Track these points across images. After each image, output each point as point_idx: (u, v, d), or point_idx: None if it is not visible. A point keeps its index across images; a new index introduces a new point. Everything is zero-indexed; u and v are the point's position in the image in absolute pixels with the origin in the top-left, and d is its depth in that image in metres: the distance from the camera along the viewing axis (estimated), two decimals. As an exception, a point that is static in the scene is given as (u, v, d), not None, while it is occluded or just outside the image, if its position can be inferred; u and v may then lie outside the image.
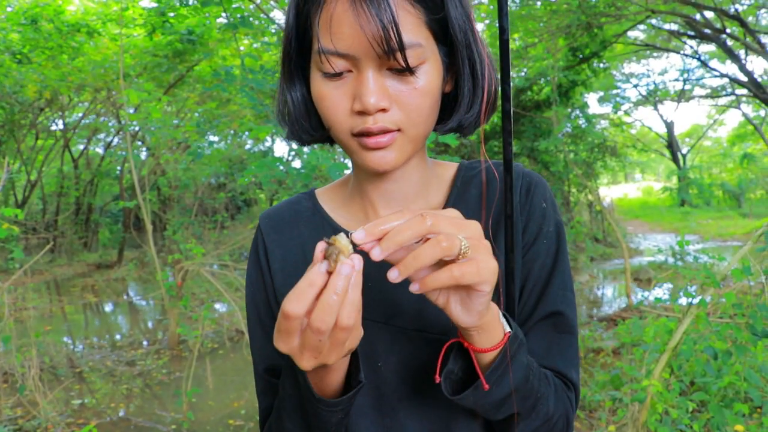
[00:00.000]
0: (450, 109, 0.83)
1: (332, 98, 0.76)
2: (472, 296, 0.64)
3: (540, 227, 0.87)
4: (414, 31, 0.72)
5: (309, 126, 0.85)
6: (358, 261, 0.61)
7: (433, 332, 0.84)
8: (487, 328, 0.70)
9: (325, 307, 0.60)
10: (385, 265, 0.66)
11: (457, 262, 0.61)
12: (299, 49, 0.81)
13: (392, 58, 0.71)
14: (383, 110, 0.74)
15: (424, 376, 0.84)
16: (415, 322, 0.84)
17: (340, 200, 0.95)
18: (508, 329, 0.73)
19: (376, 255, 0.60)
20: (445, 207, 0.89)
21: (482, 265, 0.61)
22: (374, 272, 0.85)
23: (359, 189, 0.91)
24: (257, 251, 0.96)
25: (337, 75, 0.74)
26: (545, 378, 0.79)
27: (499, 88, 0.81)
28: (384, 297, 0.85)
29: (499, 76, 0.79)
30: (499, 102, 0.82)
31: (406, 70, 0.72)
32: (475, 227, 0.64)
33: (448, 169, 0.94)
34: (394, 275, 0.60)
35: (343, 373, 0.76)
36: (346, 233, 0.62)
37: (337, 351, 0.64)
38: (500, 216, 0.87)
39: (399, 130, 0.76)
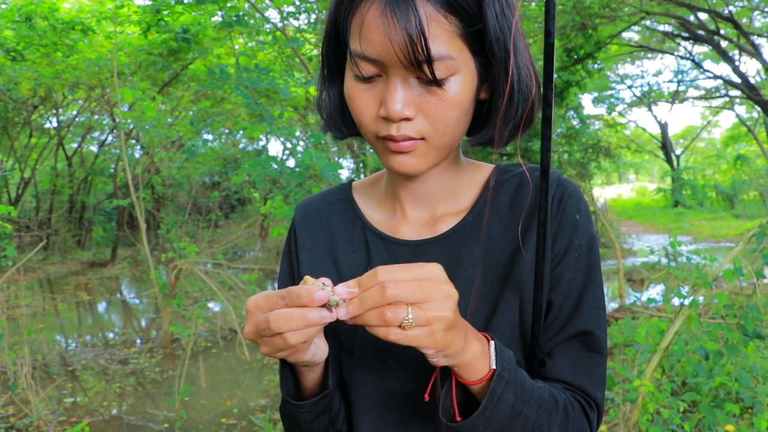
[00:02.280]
0: (484, 117, 0.82)
1: (361, 100, 0.76)
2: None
3: (571, 239, 0.84)
4: (446, 43, 0.70)
5: (342, 123, 0.87)
6: (330, 316, 0.65)
7: None
8: (466, 367, 0.70)
9: (289, 317, 0.64)
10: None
11: (397, 328, 0.62)
12: (336, 47, 0.81)
13: (419, 69, 0.70)
14: (407, 119, 0.74)
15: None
16: None
17: (373, 196, 0.96)
18: (494, 366, 0.71)
19: (342, 315, 0.64)
20: (472, 209, 0.89)
21: (422, 337, 0.63)
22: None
23: (390, 188, 0.93)
24: (290, 240, 0.98)
25: (368, 78, 0.75)
26: (551, 406, 0.77)
27: (538, 99, 0.79)
28: None
29: (542, 81, 0.76)
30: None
31: (433, 82, 0.72)
32: (444, 296, 0.64)
33: (482, 171, 0.93)
34: (342, 313, 0.64)
35: (318, 376, 0.82)
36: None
37: (269, 350, 0.69)
38: (530, 222, 0.86)
39: (423, 138, 0.76)
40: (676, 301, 3.08)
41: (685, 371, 3.47)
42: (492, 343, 0.73)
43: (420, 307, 0.62)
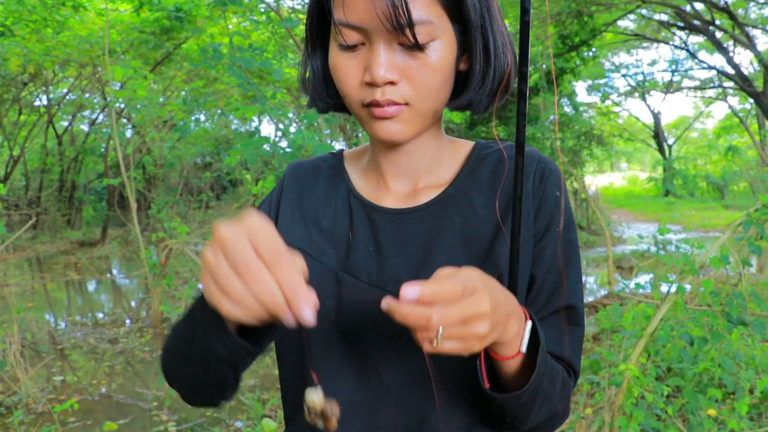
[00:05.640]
0: (463, 87, 0.85)
1: (345, 69, 0.78)
2: None
3: (552, 215, 0.87)
4: (426, 8, 0.73)
5: (326, 94, 0.88)
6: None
7: None
8: (507, 343, 0.72)
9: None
10: (394, 234, 0.81)
11: (428, 342, 0.63)
12: (320, 20, 0.84)
13: (401, 33, 0.72)
14: (392, 83, 0.76)
15: (410, 341, 0.85)
16: None
17: (360, 167, 0.97)
18: (523, 348, 0.73)
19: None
20: (454, 182, 0.90)
21: (456, 349, 0.63)
22: (374, 237, 0.88)
23: (373, 160, 0.93)
24: (274, 192, 0.99)
25: (352, 47, 0.77)
26: (556, 375, 0.81)
27: (514, 70, 0.82)
28: (383, 262, 0.87)
29: (517, 57, 0.79)
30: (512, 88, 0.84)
31: (415, 47, 0.74)
32: (482, 317, 0.63)
33: (463, 146, 0.95)
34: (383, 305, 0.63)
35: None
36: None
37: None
38: (510, 198, 0.87)
39: (407, 104, 0.78)
40: (663, 288, 3.11)
41: (670, 357, 3.51)
42: (529, 323, 0.74)
43: (457, 326, 0.62)
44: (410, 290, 0.60)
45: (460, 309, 0.62)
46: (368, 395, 0.87)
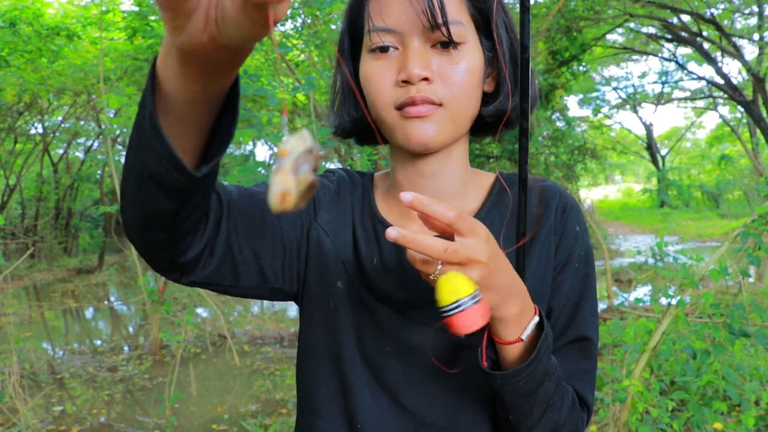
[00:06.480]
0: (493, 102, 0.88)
1: (379, 74, 0.81)
2: None
3: (572, 250, 0.88)
4: (457, 11, 0.79)
5: (353, 104, 0.89)
6: None
7: (447, 329, 0.84)
8: (506, 323, 0.73)
9: None
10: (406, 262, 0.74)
11: (431, 277, 0.66)
12: (352, 42, 0.88)
13: (437, 30, 0.77)
14: (426, 80, 0.78)
15: (428, 368, 0.85)
16: (431, 317, 0.84)
17: (383, 190, 0.97)
18: (524, 336, 0.74)
19: (393, 235, 0.65)
20: (479, 212, 0.91)
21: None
22: (397, 261, 0.88)
23: (397, 186, 0.92)
24: (329, 180, 0.97)
25: (385, 51, 0.80)
26: (565, 389, 0.81)
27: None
28: (406, 288, 0.87)
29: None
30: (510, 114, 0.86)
31: (449, 43, 0.78)
32: (479, 265, 0.66)
33: (487, 177, 0.96)
34: (393, 234, 0.64)
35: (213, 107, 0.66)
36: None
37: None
38: (530, 238, 0.88)
39: (441, 104, 0.80)
40: (663, 301, 3.11)
41: (673, 370, 3.50)
42: (536, 317, 0.76)
43: (455, 268, 0.65)
44: (406, 194, 0.64)
45: (462, 244, 0.65)
46: (386, 417, 0.87)
